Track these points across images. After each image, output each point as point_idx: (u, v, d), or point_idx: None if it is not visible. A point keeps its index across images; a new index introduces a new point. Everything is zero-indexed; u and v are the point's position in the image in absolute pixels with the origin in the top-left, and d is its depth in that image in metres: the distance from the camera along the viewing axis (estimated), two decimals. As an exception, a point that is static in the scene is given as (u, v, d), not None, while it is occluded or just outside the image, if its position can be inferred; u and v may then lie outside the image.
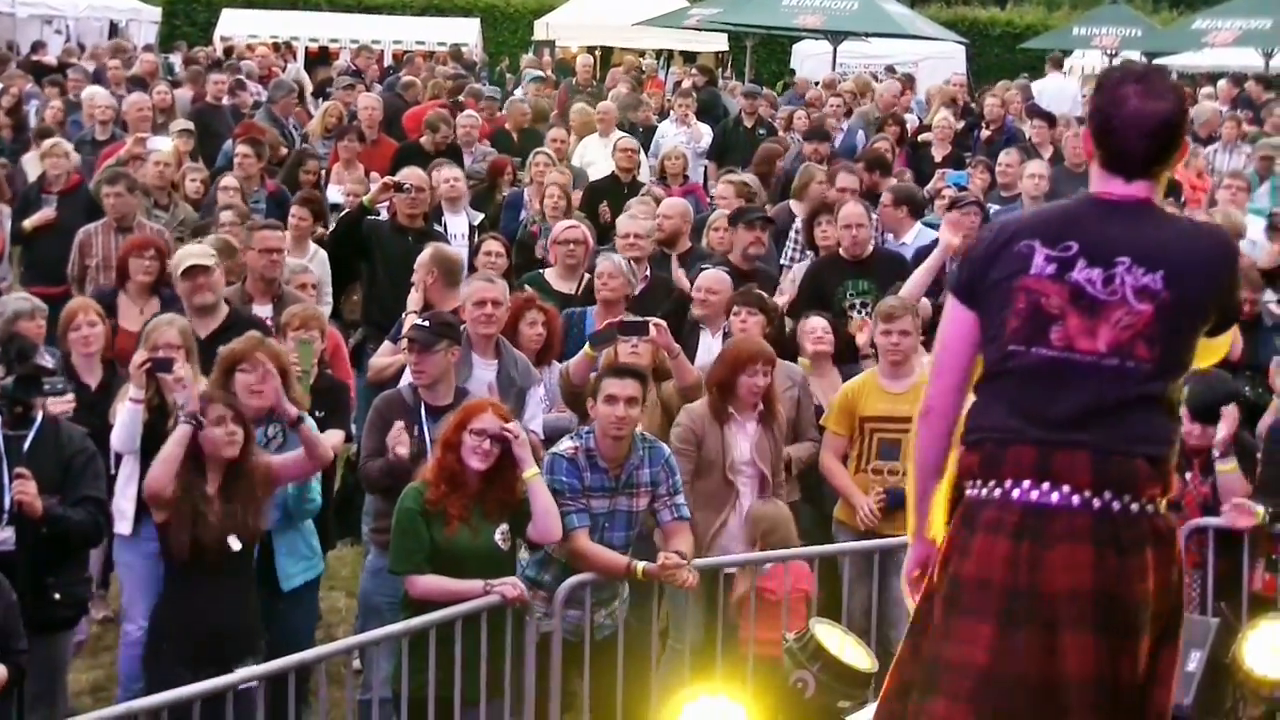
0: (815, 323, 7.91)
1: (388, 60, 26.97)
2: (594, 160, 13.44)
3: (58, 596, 6.21)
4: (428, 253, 8.22)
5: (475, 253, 9.28)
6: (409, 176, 9.68)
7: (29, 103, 15.63)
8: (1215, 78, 22.07)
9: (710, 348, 7.72)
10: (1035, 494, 3.55)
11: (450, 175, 10.80)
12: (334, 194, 11.96)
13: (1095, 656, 3.50)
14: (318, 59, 28.20)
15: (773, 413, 6.98)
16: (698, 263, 8.97)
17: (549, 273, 8.90)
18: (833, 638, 5.67)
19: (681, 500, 6.44)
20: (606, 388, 6.26)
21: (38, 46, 23.43)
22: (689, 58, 27.52)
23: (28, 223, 10.71)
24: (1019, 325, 3.60)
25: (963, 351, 3.74)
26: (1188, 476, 6.70)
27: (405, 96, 16.97)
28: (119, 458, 6.58)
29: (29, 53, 22.43)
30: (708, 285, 8.07)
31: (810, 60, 26.23)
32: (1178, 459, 3.69)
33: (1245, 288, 7.05)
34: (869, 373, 7.45)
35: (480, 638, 5.85)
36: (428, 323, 6.70)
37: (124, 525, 6.57)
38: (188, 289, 7.54)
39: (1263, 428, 7.03)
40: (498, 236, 9.53)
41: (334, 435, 7.03)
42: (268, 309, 8.01)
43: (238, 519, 6.03)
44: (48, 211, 10.67)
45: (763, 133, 14.88)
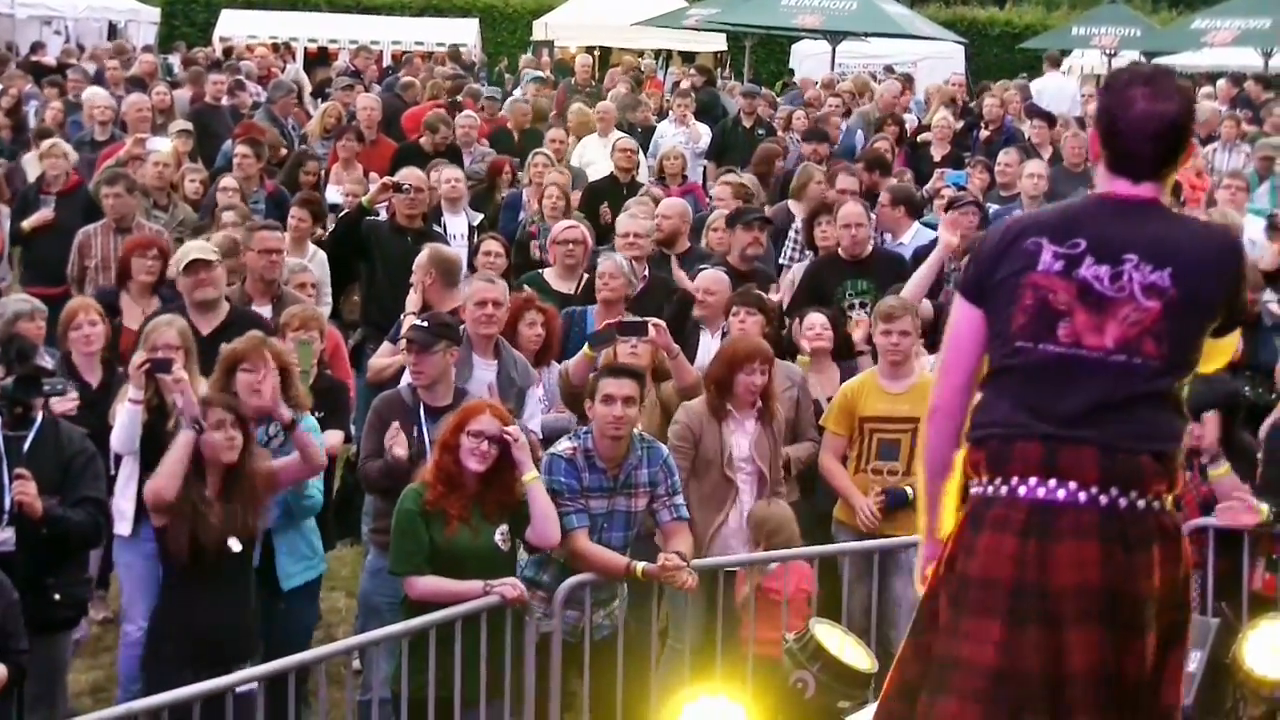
0: (814, 319, 7.91)
1: (386, 61, 26.95)
2: (593, 160, 13.42)
3: (58, 597, 6.21)
4: (426, 253, 8.21)
5: (474, 253, 9.29)
6: (408, 177, 9.68)
7: (28, 103, 15.63)
8: (1214, 77, 22.04)
9: (709, 348, 7.71)
10: (1042, 491, 3.55)
11: (451, 176, 10.84)
12: (333, 194, 11.95)
13: (1101, 652, 3.50)
14: (317, 59, 28.22)
15: (771, 411, 6.97)
16: (697, 263, 8.98)
17: (548, 273, 8.90)
18: (833, 638, 5.67)
19: (680, 501, 6.43)
20: (604, 388, 6.26)
21: (37, 47, 23.41)
22: (688, 58, 27.53)
23: (26, 223, 10.70)
24: (1026, 321, 3.59)
25: (970, 350, 3.74)
26: (1187, 476, 6.70)
27: (404, 97, 16.97)
28: (119, 458, 6.58)
29: (28, 53, 22.42)
30: (706, 285, 8.08)
31: (809, 60, 26.22)
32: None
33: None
34: (869, 373, 7.45)
35: (480, 638, 5.85)
36: (426, 323, 6.70)
37: (124, 526, 6.57)
38: (190, 284, 7.49)
39: (1266, 427, 7.02)
40: (497, 237, 9.54)
41: (333, 435, 7.03)
42: (267, 309, 7.99)
43: (238, 520, 6.02)
44: (46, 212, 10.66)
45: (761, 133, 14.87)
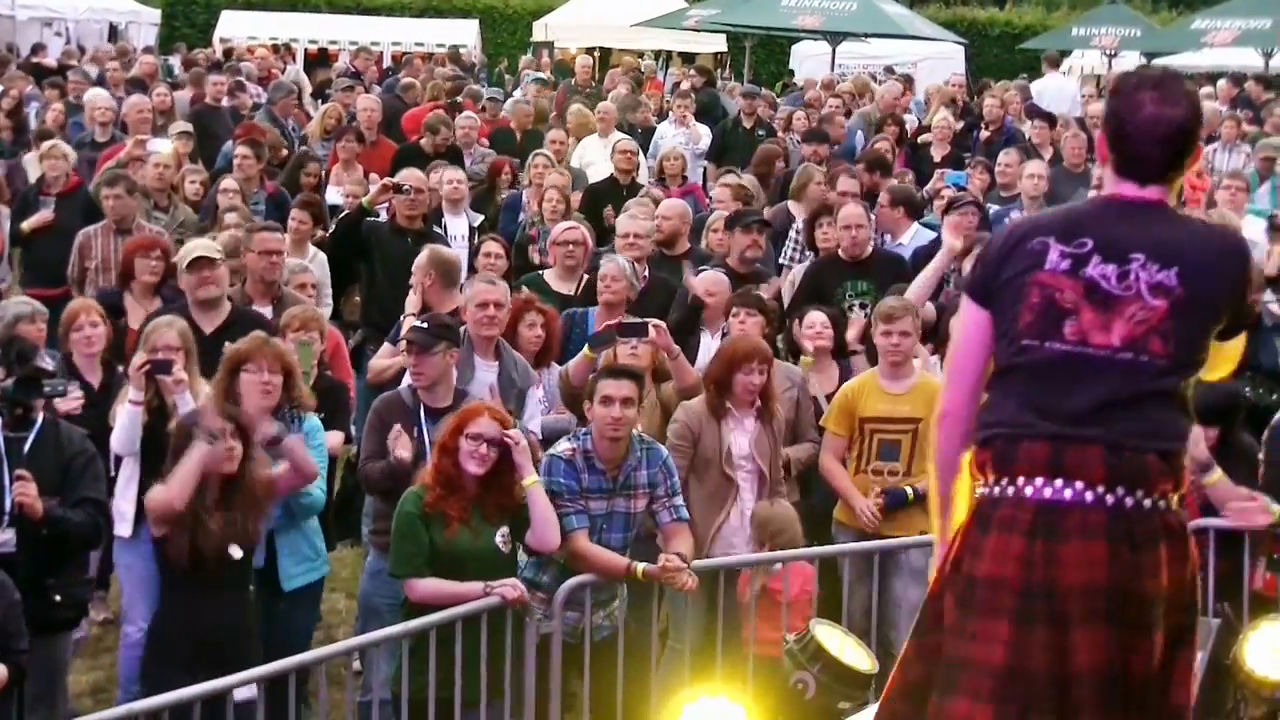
0: (815, 317, 7.92)
1: (387, 62, 26.97)
2: (593, 161, 13.42)
3: (58, 598, 6.21)
4: (425, 255, 8.21)
5: (475, 254, 9.29)
6: (408, 178, 9.68)
7: (29, 105, 15.63)
8: (1214, 78, 22.04)
9: (710, 349, 7.71)
10: (1049, 491, 3.55)
11: (453, 177, 10.86)
12: (333, 195, 11.95)
13: (1107, 650, 3.50)
14: (317, 60, 28.23)
15: (770, 410, 6.97)
16: (697, 264, 8.98)
17: (548, 274, 8.90)
18: (833, 639, 5.66)
19: (680, 502, 6.43)
20: (602, 389, 6.25)
21: (37, 48, 23.42)
22: (688, 59, 27.52)
23: (25, 224, 10.70)
24: (1032, 320, 3.60)
25: (978, 353, 3.73)
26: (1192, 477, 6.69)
27: (404, 98, 16.97)
28: (119, 459, 6.58)
29: (29, 55, 22.43)
30: (706, 287, 8.08)
31: (809, 61, 26.24)
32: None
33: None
34: (869, 373, 7.45)
35: (480, 639, 5.84)
36: (426, 325, 6.70)
37: (124, 527, 6.57)
38: (193, 282, 7.48)
39: (1270, 429, 7.00)
40: (497, 238, 9.55)
41: (334, 436, 7.03)
42: (267, 310, 7.99)
43: (238, 528, 6.00)
44: (45, 213, 10.67)
45: (762, 134, 14.86)
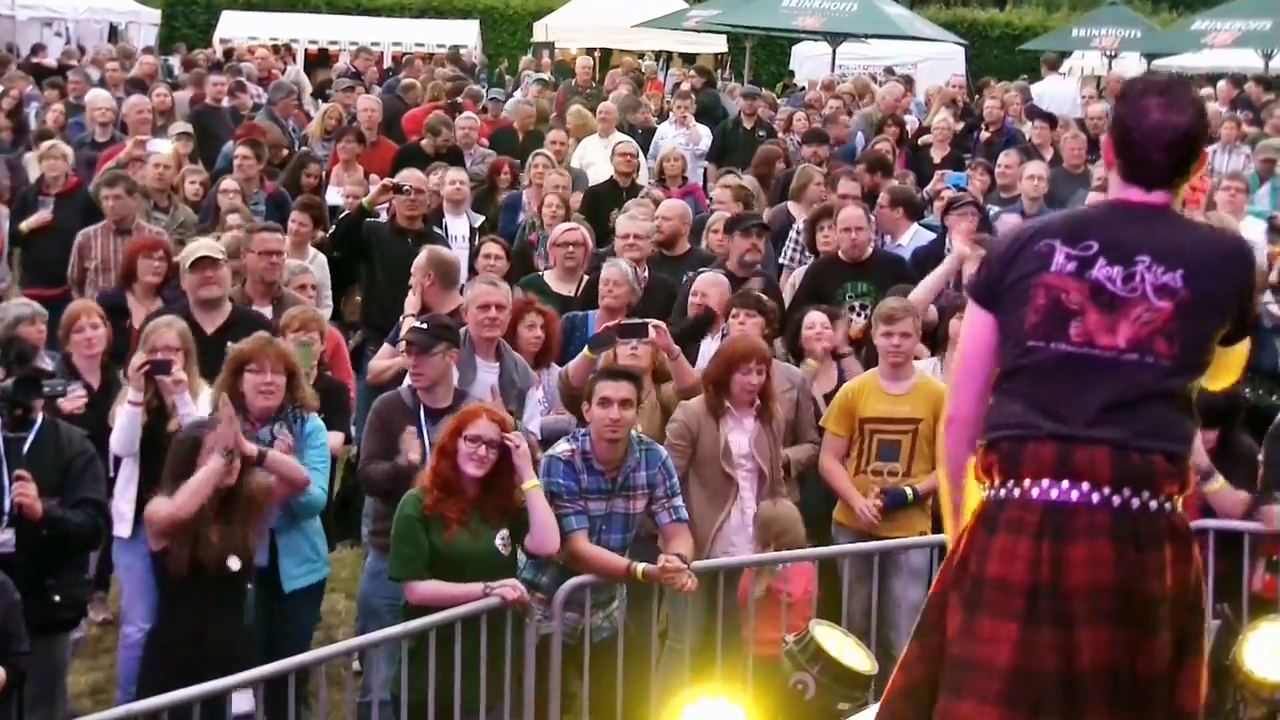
0: (814, 317, 7.91)
1: (387, 62, 26.97)
2: (593, 161, 13.40)
3: (57, 598, 6.21)
4: (424, 255, 8.21)
5: (475, 255, 9.29)
6: (408, 178, 9.69)
7: (29, 105, 15.63)
8: (1215, 79, 22.07)
9: (709, 350, 7.71)
10: (1055, 492, 3.56)
11: (455, 177, 10.86)
12: (333, 196, 11.96)
13: (1112, 650, 3.51)
14: (317, 61, 28.24)
15: (770, 410, 6.97)
16: (697, 265, 8.98)
17: (548, 275, 8.91)
18: (832, 639, 5.66)
19: (679, 502, 6.43)
20: (601, 390, 6.25)
21: (37, 49, 23.42)
22: (688, 59, 27.52)
23: (24, 225, 10.71)
24: (1039, 321, 3.61)
25: (985, 357, 3.75)
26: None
27: (405, 98, 16.97)
28: (118, 460, 6.58)
29: (29, 55, 22.43)
30: (704, 288, 8.07)
31: (809, 62, 26.26)
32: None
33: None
34: (869, 374, 7.45)
35: (480, 640, 5.84)
36: (425, 325, 6.70)
37: (123, 528, 6.58)
38: (195, 281, 7.48)
39: (1271, 431, 6.99)
40: (498, 239, 9.54)
41: (334, 437, 7.02)
42: (268, 311, 7.99)
43: (237, 539, 6.00)
44: (44, 214, 10.67)
45: (762, 134, 14.86)
